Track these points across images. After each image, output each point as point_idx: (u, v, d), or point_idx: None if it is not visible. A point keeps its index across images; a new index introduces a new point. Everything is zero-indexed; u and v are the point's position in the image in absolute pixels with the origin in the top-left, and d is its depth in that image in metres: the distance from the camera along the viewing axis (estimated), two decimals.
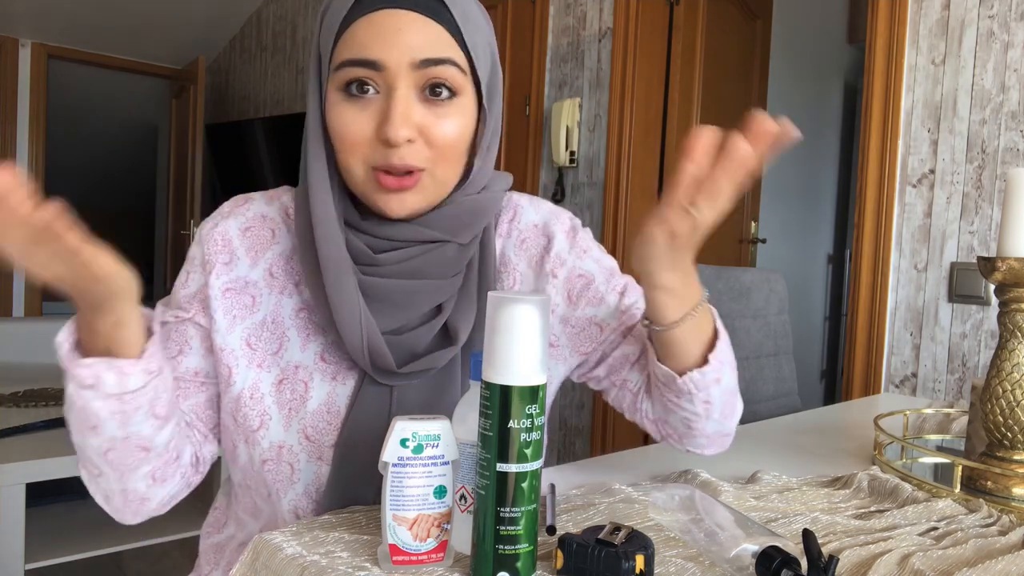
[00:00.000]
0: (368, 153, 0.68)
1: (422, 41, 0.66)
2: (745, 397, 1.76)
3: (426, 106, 0.68)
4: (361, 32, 0.66)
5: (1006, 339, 0.87)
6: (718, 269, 1.68)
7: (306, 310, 0.75)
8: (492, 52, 0.74)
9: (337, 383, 0.73)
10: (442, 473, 0.57)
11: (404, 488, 0.56)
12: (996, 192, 1.83)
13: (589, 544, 0.56)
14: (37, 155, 4.86)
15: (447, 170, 0.70)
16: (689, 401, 0.74)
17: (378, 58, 0.66)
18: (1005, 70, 1.82)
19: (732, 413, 0.79)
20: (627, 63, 2.61)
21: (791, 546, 0.57)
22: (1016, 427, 0.86)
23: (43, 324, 3.13)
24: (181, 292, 0.75)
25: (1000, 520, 0.76)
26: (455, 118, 0.69)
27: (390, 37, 0.66)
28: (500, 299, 0.54)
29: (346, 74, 0.67)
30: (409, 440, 0.57)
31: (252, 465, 0.73)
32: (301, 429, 0.72)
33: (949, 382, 1.91)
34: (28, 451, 1.72)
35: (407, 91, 0.66)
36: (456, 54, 0.68)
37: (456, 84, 0.68)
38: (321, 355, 0.74)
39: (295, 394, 0.73)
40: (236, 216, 0.76)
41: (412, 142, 0.67)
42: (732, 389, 0.77)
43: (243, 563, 0.62)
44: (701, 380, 0.72)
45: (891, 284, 2.01)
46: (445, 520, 0.57)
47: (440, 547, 0.58)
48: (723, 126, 0.65)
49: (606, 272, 0.84)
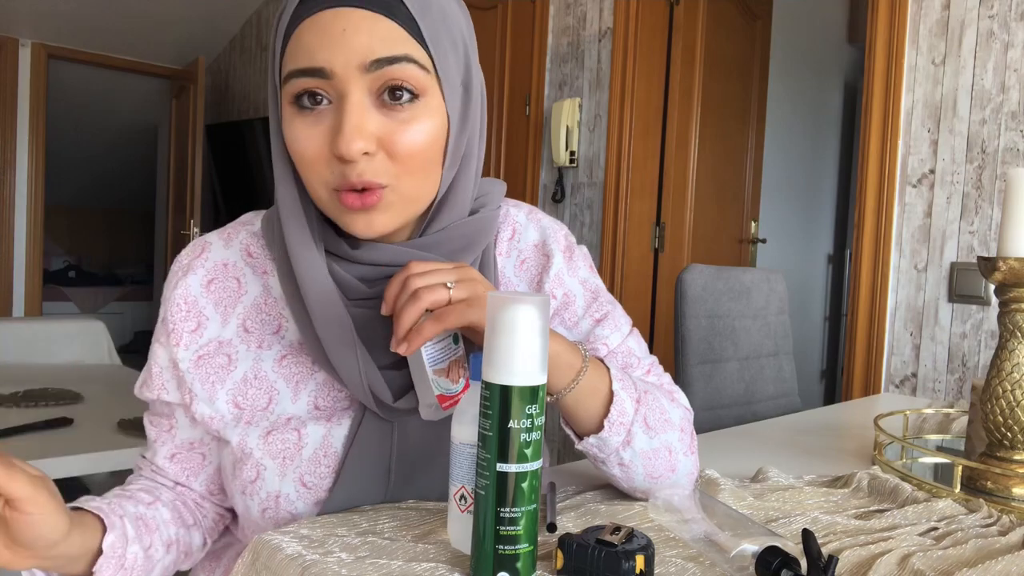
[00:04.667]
0: (325, 172, 0.62)
1: (371, 40, 0.59)
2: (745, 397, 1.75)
3: (384, 112, 0.61)
4: (306, 37, 0.60)
5: (1006, 339, 0.87)
6: (718, 269, 1.68)
7: (290, 355, 0.70)
8: (464, 45, 0.66)
9: (332, 424, 0.69)
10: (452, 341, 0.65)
11: (435, 349, 0.63)
12: (996, 192, 1.83)
13: (589, 544, 0.56)
14: (37, 155, 4.86)
15: (415, 184, 0.64)
16: (603, 464, 0.71)
17: (324, 64, 0.59)
18: (1005, 70, 1.82)
19: (670, 471, 0.73)
20: (627, 63, 2.61)
21: (791, 546, 0.57)
22: (1016, 427, 0.86)
23: (43, 324, 3.13)
24: (154, 368, 0.72)
25: (1000, 520, 0.76)
26: (420, 123, 0.62)
27: (335, 39, 0.59)
28: (500, 299, 0.54)
29: (294, 86, 0.61)
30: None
31: (249, 513, 0.71)
32: (297, 477, 0.68)
33: (949, 382, 1.91)
34: (28, 451, 1.72)
35: (360, 98, 0.60)
36: (414, 50, 0.61)
37: (418, 84, 0.61)
38: (315, 403, 0.69)
39: (287, 444, 0.68)
40: (195, 270, 0.71)
41: (370, 155, 0.60)
42: (656, 449, 0.71)
43: (243, 563, 0.62)
44: (601, 445, 0.69)
45: (891, 284, 2.01)
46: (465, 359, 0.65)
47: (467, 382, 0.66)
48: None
49: (590, 295, 0.80)
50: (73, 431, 1.93)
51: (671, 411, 0.74)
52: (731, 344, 1.68)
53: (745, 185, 3.08)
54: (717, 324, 1.65)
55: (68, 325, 3.17)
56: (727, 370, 1.66)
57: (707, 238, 2.87)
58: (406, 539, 0.63)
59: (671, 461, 0.73)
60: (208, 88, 5.40)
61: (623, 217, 2.65)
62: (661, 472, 0.73)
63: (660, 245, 2.73)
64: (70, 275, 6.92)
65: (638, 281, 2.70)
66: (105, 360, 3.13)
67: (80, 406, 2.21)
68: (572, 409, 0.68)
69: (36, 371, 2.74)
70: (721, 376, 1.65)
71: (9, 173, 4.79)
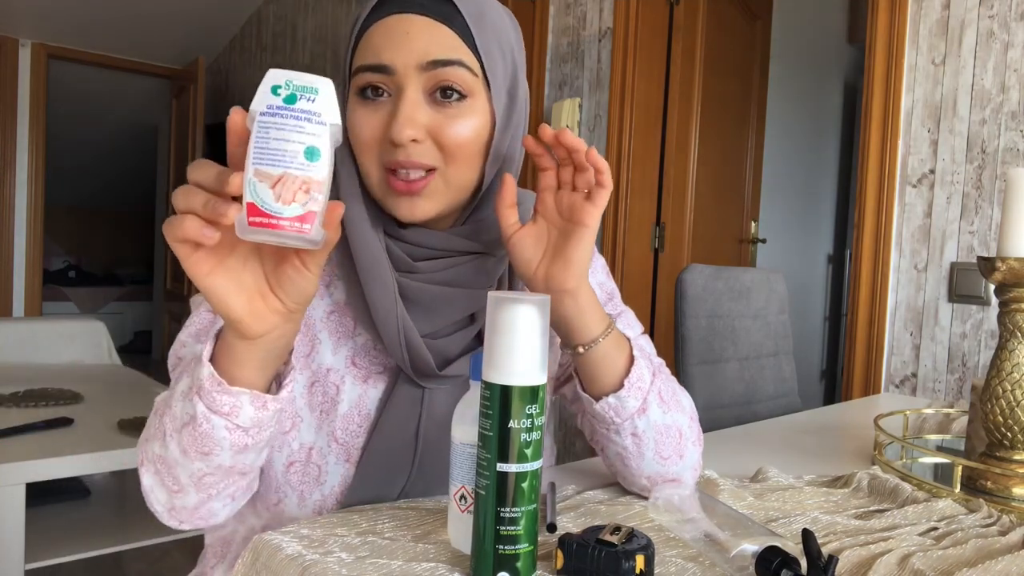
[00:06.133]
0: (379, 153, 0.69)
1: (429, 43, 0.67)
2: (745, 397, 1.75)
3: (436, 108, 0.68)
4: (375, 38, 0.68)
5: (1006, 339, 0.87)
6: (718, 269, 1.68)
7: (336, 312, 0.75)
8: (513, 61, 0.73)
9: (368, 386, 0.74)
10: (315, 132, 0.49)
11: (270, 141, 0.48)
12: (996, 192, 1.83)
13: (589, 544, 0.56)
14: (37, 155, 4.86)
15: (460, 172, 0.70)
16: (616, 433, 0.73)
17: (387, 62, 0.67)
18: (1005, 70, 1.82)
19: (678, 456, 0.75)
20: (627, 63, 2.61)
21: (791, 546, 0.57)
22: (1016, 427, 0.86)
23: (43, 324, 3.13)
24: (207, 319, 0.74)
25: (1000, 520, 0.76)
26: (465, 119, 0.69)
27: (399, 41, 0.67)
28: (500, 299, 0.54)
29: (360, 79, 0.69)
30: (281, 88, 0.49)
31: (272, 468, 0.73)
32: (331, 432, 0.72)
33: (949, 382, 1.91)
34: (28, 451, 1.72)
35: (415, 93, 0.67)
36: (466, 56, 0.68)
37: (466, 86, 0.68)
38: (352, 359, 0.74)
39: (326, 397, 0.73)
40: None
41: (419, 142, 0.67)
42: (668, 426, 0.74)
43: (243, 563, 0.62)
44: (619, 407, 0.71)
45: (891, 284, 2.01)
46: (317, 189, 0.49)
47: (305, 217, 0.49)
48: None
49: (605, 296, 0.85)
50: (73, 431, 1.93)
51: (681, 395, 0.78)
52: (731, 344, 1.68)
53: (745, 185, 3.08)
54: (717, 324, 1.65)
55: (68, 325, 3.17)
56: (727, 370, 1.66)
57: (707, 238, 2.87)
58: (406, 539, 0.63)
59: (680, 445, 0.75)
60: (208, 88, 5.40)
61: (623, 217, 2.65)
62: (670, 454, 0.75)
63: (660, 245, 2.73)
64: (70, 275, 6.93)
65: (638, 281, 2.70)
66: (105, 360, 3.14)
67: (80, 406, 2.21)
68: (598, 362, 0.71)
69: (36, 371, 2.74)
70: (721, 376, 1.65)
71: (9, 173, 4.79)
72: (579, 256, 0.67)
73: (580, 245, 0.67)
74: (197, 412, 0.58)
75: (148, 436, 0.65)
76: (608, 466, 0.80)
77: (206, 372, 0.57)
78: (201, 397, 0.58)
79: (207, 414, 0.58)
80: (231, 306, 0.53)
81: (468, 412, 0.61)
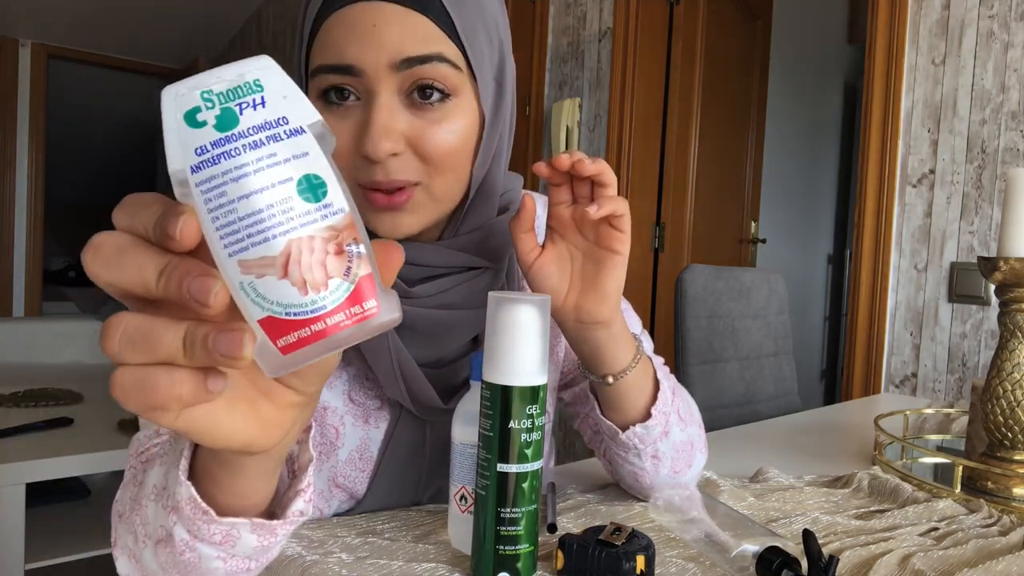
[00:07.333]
0: (351, 170, 0.59)
1: (402, 37, 0.56)
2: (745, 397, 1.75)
3: (414, 112, 0.58)
4: (334, 31, 0.57)
5: (1006, 339, 0.87)
6: (718, 269, 1.68)
7: None
8: (499, 40, 0.63)
9: (370, 427, 0.68)
10: (296, 151, 0.30)
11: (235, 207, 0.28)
12: (996, 192, 1.83)
13: (589, 544, 0.56)
14: (37, 155, 4.86)
15: (445, 184, 0.61)
16: (636, 456, 0.70)
17: (353, 61, 0.56)
18: (1005, 70, 1.82)
19: (688, 467, 0.74)
20: (627, 63, 2.61)
21: (791, 546, 0.57)
22: (1016, 427, 0.86)
23: (43, 324, 3.13)
24: None
25: (1000, 520, 0.76)
26: (451, 123, 0.59)
27: (365, 35, 0.56)
28: (500, 299, 0.54)
29: (321, 81, 0.58)
30: (202, 110, 0.29)
31: None
32: (331, 477, 0.68)
33: (949, 382, 1.91)
34: (28, 451, 1.72)
35: (389, 97, 0.57)
36: (447, 47, 0.58)
37: (450, 83, 0.58)
38: (348, 394, 0.68)
39: (325, 439, 0.67)
40: None
41: (398, 156, 0.58)
42: (685, 442, 0.72)
43: None
44: (646, 435, 0.68)
45: (891, 284, 2.01)
46: (350, 235, 0.30)
47: (361, 291, 0.30)
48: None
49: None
50: (73, 431, 1.94)
51: (692, 405, 0.76)
52: (731, 344, 1.68)
53: (745, 185, 3.08)
54: (717, 324, 1.65)
55: (68, 325, 3.17)
56: (727, 370, 1.66)
57: (707, 238, 2.87)
58: (406, 539, 0.63)
59: (691, 456, 0.74)
60: None
61: None
62: (682, 467, 0.73)
63: (660, 245, 2.73)
64: (70, 275, 6.92)
65: (638, 281, 2.70)
66: (105, 360, 3.13)
67: (80, 406, 2.21)
68: (625, 393, 0.67)
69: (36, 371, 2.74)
70: (721, 376, 1.65)
71: (9, 173, 4.79)
72: (614, 287, 0.62)
73: (614, 274, 0.61)
74: (176, 537, 0.43)
75: (121, 511, 0.52)
76: (617, 480, 0.78)
77: (184, 494, 0.41)
78: (180, 519, 0.42)
79: (189, 541, 0.43)
80: (227, 435, 0.34)
81: (468, 412, 0.61)
